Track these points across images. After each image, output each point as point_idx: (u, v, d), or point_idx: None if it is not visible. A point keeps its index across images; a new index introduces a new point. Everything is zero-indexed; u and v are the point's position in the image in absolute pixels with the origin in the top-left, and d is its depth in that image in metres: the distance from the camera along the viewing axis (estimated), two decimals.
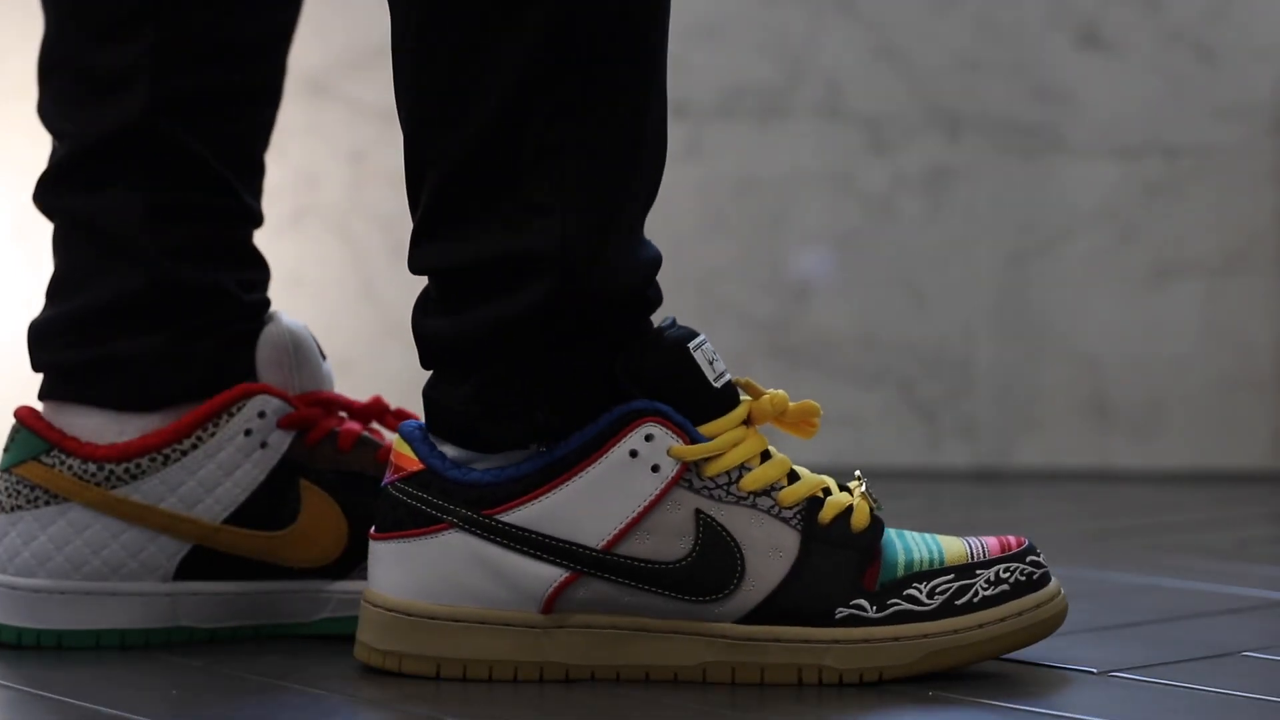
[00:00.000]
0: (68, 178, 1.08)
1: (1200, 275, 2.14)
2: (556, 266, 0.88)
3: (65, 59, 1.09)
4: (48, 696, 0.87)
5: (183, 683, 0.90)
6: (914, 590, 0.90)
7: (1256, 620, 1.10)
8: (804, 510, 0.91)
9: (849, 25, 2.20)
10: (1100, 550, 1.44)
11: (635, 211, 0.91)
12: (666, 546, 0.89)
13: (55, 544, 1.02)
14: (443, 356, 0.92)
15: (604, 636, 0.90)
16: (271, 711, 0.84)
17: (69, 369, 1.06)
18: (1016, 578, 0.91)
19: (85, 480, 1.02)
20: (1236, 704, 0.85)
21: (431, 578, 0.90)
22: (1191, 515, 1.72)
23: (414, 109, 0.91)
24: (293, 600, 1.04)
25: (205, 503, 1.02)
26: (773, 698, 0.87)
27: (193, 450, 1.02)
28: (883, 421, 2.17)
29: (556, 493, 0.89)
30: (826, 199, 2.20)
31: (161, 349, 1.04)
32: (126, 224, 1.05)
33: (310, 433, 1.04)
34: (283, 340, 1.05)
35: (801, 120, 2.21)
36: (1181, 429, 2.14)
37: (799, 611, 0.89)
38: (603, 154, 0.89)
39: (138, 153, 1.05)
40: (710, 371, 0.91)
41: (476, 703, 0.86)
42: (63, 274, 1.09)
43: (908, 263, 2.19)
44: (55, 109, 1.10)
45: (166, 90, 1.05)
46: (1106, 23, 2.16)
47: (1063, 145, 2.16)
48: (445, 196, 0.90)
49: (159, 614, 1.03)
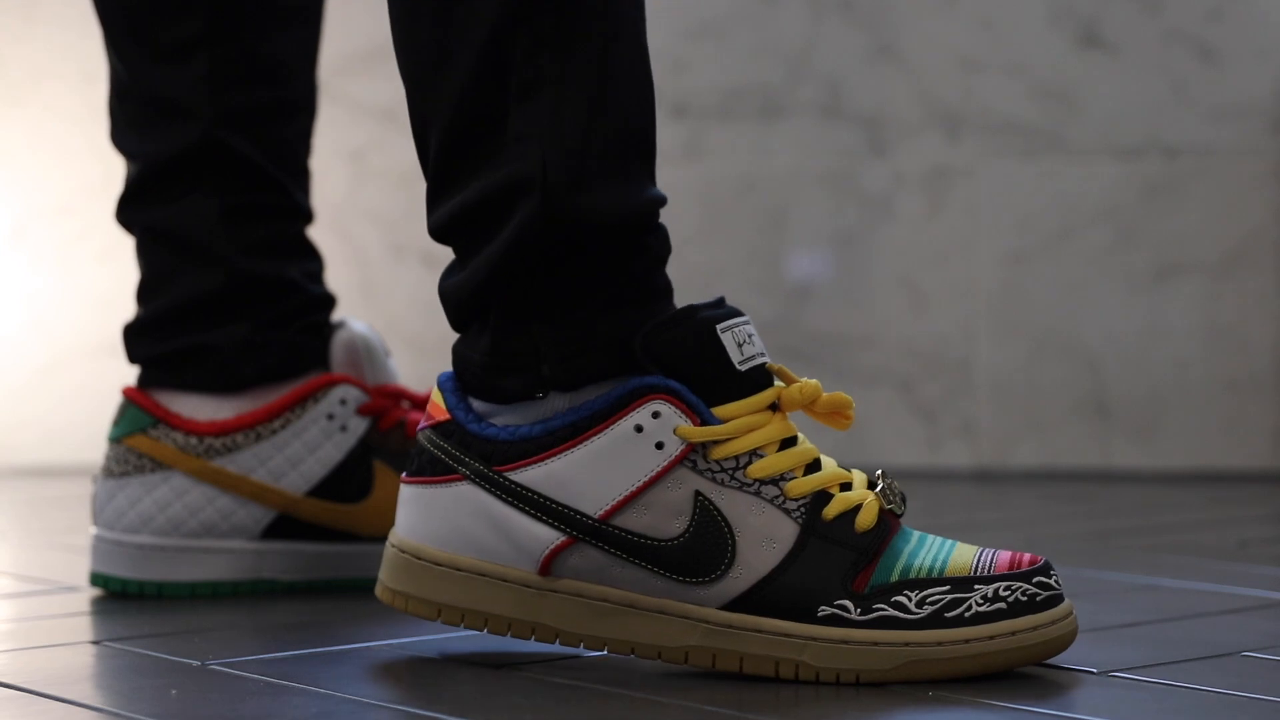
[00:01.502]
0: (146, 193, 1.21)
1: (1200, 275, 2.14)
2: (537, 188, 0.90)
3: (133, 88, 1.22)
4: (48, 696, 0.87)
5: (183, 683, 0.90)
6: (903, 598, 0.89)
7: (1256, 620, 1.10)
8: (809, 503, 0.91)
9: (849, 25, 2.20)
10: (1100, 550, 1.44)
11: (619, 147, 0.92)
12: (662, 523, 0.90)
13: (158, 506, 1.17)
14: (460, 312, 0.95)
15: (594, 608, 0.92)
16: (272, 711, 0.84)
17: (162, 360, 1.20)
18: (1017, 597, 0.89)
19: (186, 451, 1.17)
20: (1236, 704, 0.85)
21: (443, 525, 0.94)
22: (1191, 515, 1.72)
23: (407, 67, 0.95)
24: (365, 559, 1.19)
25: (290, 476, 1.18)
26: (777, 696, 0.87)
27: (282, 430, 1.18)
28: (883, 421, 2.17)
29: (561, 457, 0.91)
30: (826, 199, 2.20)
31: (243, 337, 1.19)
32: (204, 227, 1.20)
33: (383, 420, 1.19)
34: (355, 344, 1.20)
35: (801, 120, 2.21)
36: (1181, 429, 2.15)
37: (782, 605, 0.89)
38: (576, 86, 0.91)
39: (207, 164, 1.20)
40: (737, 354, 0.92)
41: (479, 704, 0.86)
42: (148, 279, 1.23)
43: (908, 263, 2.19)
44: (128, 133, 1.23)
45: (226, 108, 1.20)
46: (1106, 23, 2.16)
47: (1063, 145, 2.17)
48: (446, 149, 0.93)
49: (247, 568, 1.18)
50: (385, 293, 2.30)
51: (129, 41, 1.21)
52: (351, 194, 2.32)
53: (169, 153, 1.20)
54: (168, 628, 1.07)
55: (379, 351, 1.21)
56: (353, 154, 2.31)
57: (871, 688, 0.88)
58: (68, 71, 2.20)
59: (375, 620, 1.09)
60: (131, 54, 1.21)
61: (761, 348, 0.94)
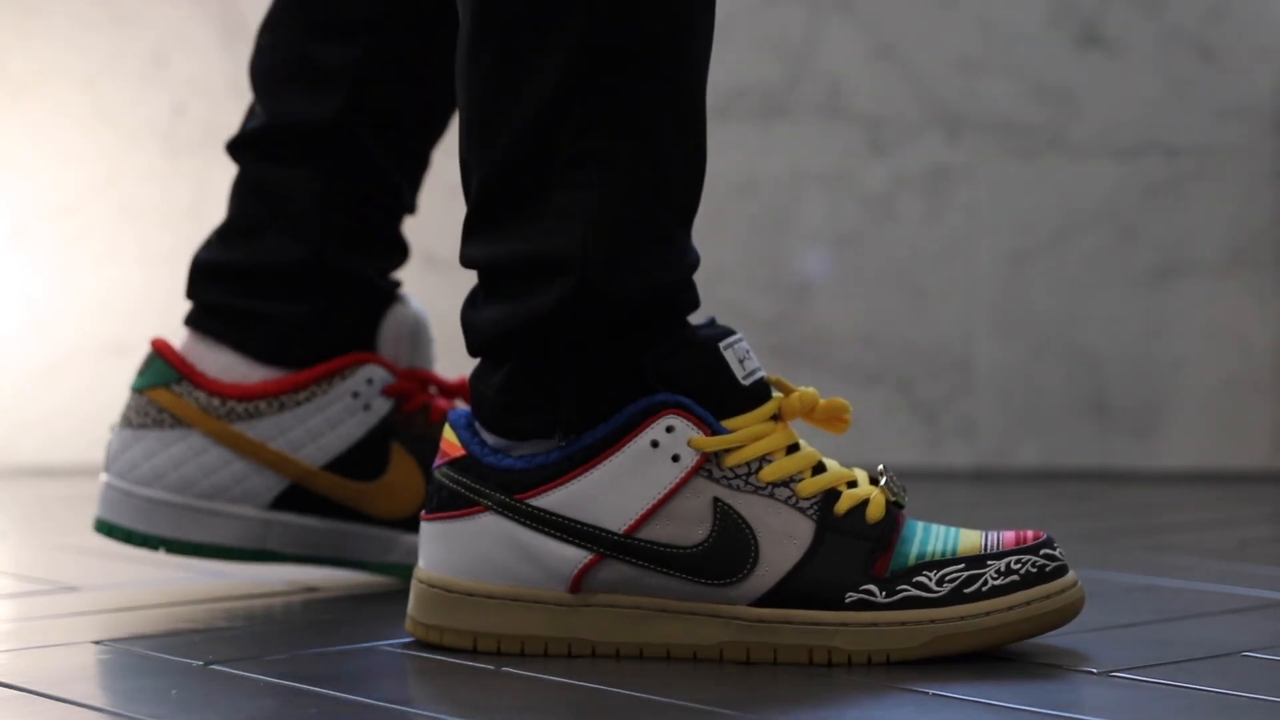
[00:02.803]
0: (264, 145, 1.21)
1: (1200, 275, 2.14)
2: (575, 270, 0.93)
3: (288, 40, 1.21)
4: (48, 697, 0.87)
5: (183, 683, 0.90)
6: (923, 578, 0.93)
7: (1256, 620, 1.10)
8: (821, 501, 0.95)
9: (849, 25, 2.20)
10: (1100, 550, 1.44)
11: (663, 221, 0.96)
12: (685, 532, 0.94)
13: (173, 462, 1.18)
14: (480, 345, 0.98)
15: (628, 615, 0.95)
16: (272, 711, 0.84)
17: (219, 309, 1.20)
18: (1028, 569, 0.94)
19: (208, 412, 1.17)
20: (1236, 704, 0.85)
21: (469, 557, 0.96)
22: (1191, 515, 1.72)
23: (462, 111, 0.97)
24: (369, 542, 1.20)
25: (309, 449, 1.18)
26: (776, 696, 0.87)
27: (306, 402, 1.18)
28: (883, 421, 2.17)
29: (581, 479, 0.94)
30: (826, 199, 2.20)
31: (302, 317, 1.19)
32: (302, 202, 1.19)
33: (407, 403, 1.20)
34: (406, 321, 1.21)
35: (801, 120, 2.21)
36: (1181, 429, 2.15)
37: (810, 595, 0.93)
38: (626, 168, 0.94)
39: (329, 146, 1.19)
40: (740, 370, 0.96)
41: (479, 704, 0.86)
42: (235, 223, 1.22)
43: (908, 263, 2.19)
44: (267, 78, 1.22)
45: (365, 97, 1.19)
46: (1107, 23, 2.16)
47: (1063, 145, 2.17)
48: (485, 197, 0.96)
49: (252, 536, 1.18)
50: None
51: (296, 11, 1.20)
52: None
53: (294, 117, 1.20)
54: (168, 628, 1.07)
55: (425, 335, 1.22)
56: None
57: (874, 688, 0.88)
58: (69, 71, 2.20)
59: (375, 620, 1.09)
60: (293, 23, 1.20)
61: (758, 362, 0.98)
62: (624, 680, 0.90)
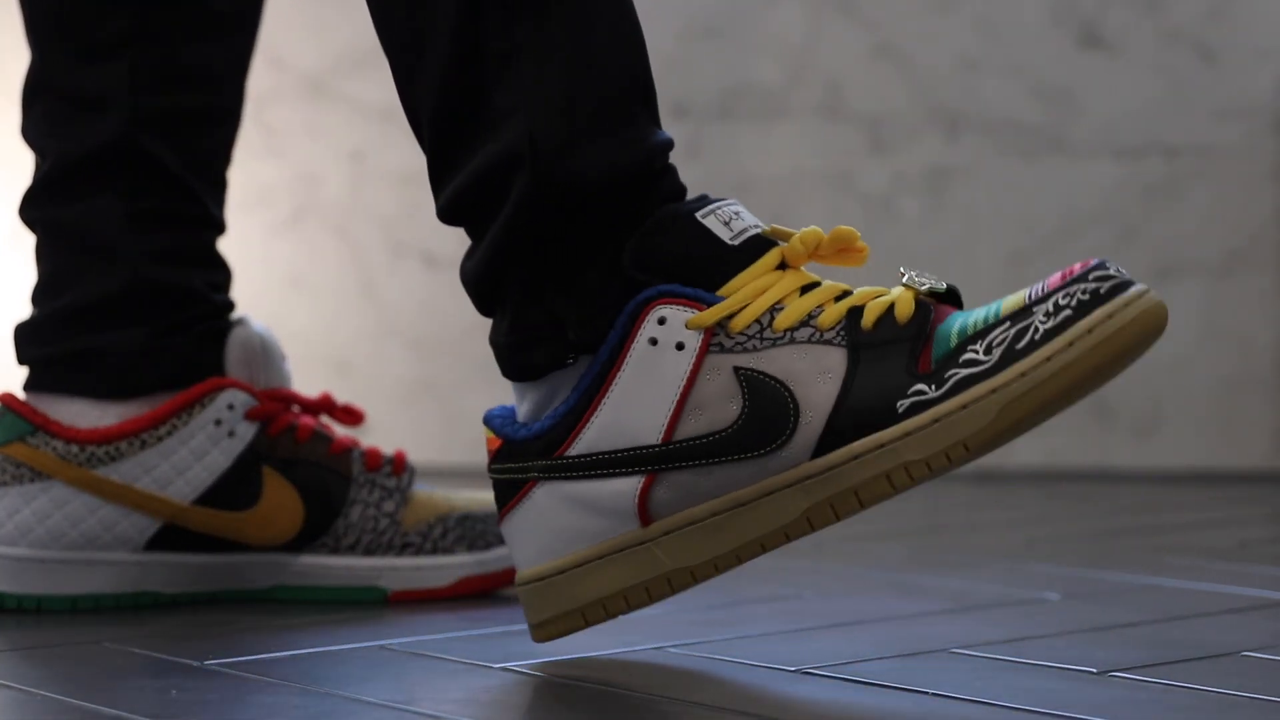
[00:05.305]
0: (53, 190, 1.19)
1: (1200, 275, 2.14)
2: (527, 163, 0.90)
3: (50, 82, 1.19)
4: (47, 696, 0.87)
5: (183, 683, 0.90)
6: (970, 354, 0.86)
7: (1256, 620, 1.10)
8: (846, 325, 0.89)
9: (849, 25, 2.20)
10: (1100, 550, 1.44)
11: (608, 101, 0.92)
12: (719, 415, 0.89)
13: (37, 517, 1.13)
14: (479, 294, 0.95)
15: (708, 527, 0.90)
16: (272, 711, 0.84)
17: (53, 361, 1.17)
18: (1079, 298, 0.85)
19: (67, 460, 1.13)
20: (1236, 704, 0.85)
21: (540, 536, 0.93)
22: (1191, 515, 1.72)
23: (390, 55, 0.96)
24: (253, 570, 1.17)
25: (177, 484, 1.14)
26: (776, 696, 0.87)
27: (167, 436, 1.14)
28: None
29: (602, 408, 0.91)
30: (826, 199, 2.20)
31: (139, 343, 1.16)
32: (109, 229, 1.17)
33: (272, 425, 1.16)
34: (252, 343, 1.17)
35: (801, 120, 2.21)
36: (1181, 429, 2.15)
37: (863, 421, 0.87)
38: (556, 52, 0.91)
39: (120, 165, 1.17)
40: (727, 232, 0.91)
41: (478, 704, 0.86)
42: (46, 279, 1.20)
43: (908, 263, 2.19)
44: (40, 128, 1.20)
45: (145, 109, 1.17)
46: (1106, 23, 2.16)
47: (1063, 145, 2.17)
48: (435, 132, 0.94)
49: (129, 580, 1.14)
50: (385, 293, 2.30)
51: (54, 36, 1.18)
52: (351, 194, 2.32)
53: (82, 150, 1.17)
54: (168, 628, 1.07)
55: (275, 353, 1.18)
56: (352, 154, 2.32)
57: (871, 687, 0.88)
58: None
59: (375, 620, 1.09)
60: (55, 49, 1.18)
61: (754, 221, 0.93)
62: (625, 680, 0.90)
